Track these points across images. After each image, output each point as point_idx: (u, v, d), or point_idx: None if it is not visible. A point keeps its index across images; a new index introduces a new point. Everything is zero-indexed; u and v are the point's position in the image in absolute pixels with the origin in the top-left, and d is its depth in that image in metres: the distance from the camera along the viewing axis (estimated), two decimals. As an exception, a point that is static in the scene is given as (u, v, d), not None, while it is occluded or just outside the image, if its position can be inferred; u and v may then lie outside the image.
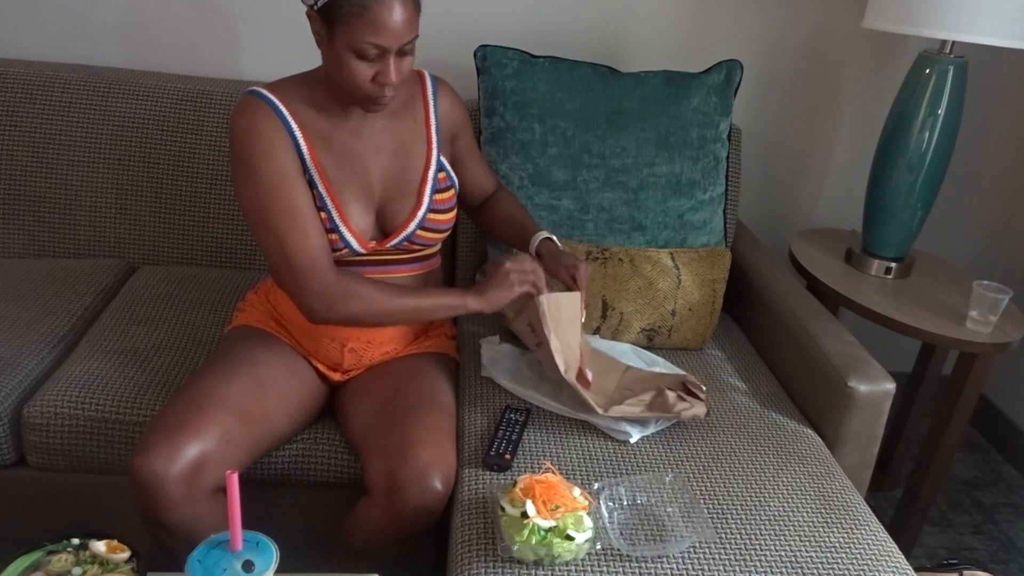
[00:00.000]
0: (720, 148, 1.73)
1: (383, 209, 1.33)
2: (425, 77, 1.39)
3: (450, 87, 1.42)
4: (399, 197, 1.33)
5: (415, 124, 1.35)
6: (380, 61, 1.16)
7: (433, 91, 1.38)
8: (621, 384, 1.46)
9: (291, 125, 1.24)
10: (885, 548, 1.15)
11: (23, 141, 1.76)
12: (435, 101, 1.37)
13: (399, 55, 1.17)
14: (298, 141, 1.25)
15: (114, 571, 0.97)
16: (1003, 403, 2.31)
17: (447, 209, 1.38)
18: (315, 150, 1.26)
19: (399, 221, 1.33)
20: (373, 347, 1.40)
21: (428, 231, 1.36)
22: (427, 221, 1.35)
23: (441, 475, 1.20)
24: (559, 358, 1.33)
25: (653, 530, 1.14)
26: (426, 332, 1.49)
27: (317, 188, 1.26)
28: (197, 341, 1.54)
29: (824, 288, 1.76)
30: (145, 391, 1.39)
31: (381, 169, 1.32)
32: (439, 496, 1.20)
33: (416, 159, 1.35)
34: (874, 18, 1.67)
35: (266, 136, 1.21)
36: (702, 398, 1.37)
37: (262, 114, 1.22)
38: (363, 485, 1.25)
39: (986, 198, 2.24)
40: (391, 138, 1.33)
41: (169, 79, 1.82)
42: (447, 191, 1.38)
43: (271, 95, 1.24)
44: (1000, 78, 2.10)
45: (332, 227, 1.27)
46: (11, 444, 1.38)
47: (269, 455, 1.35)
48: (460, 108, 1.42)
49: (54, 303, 1.61)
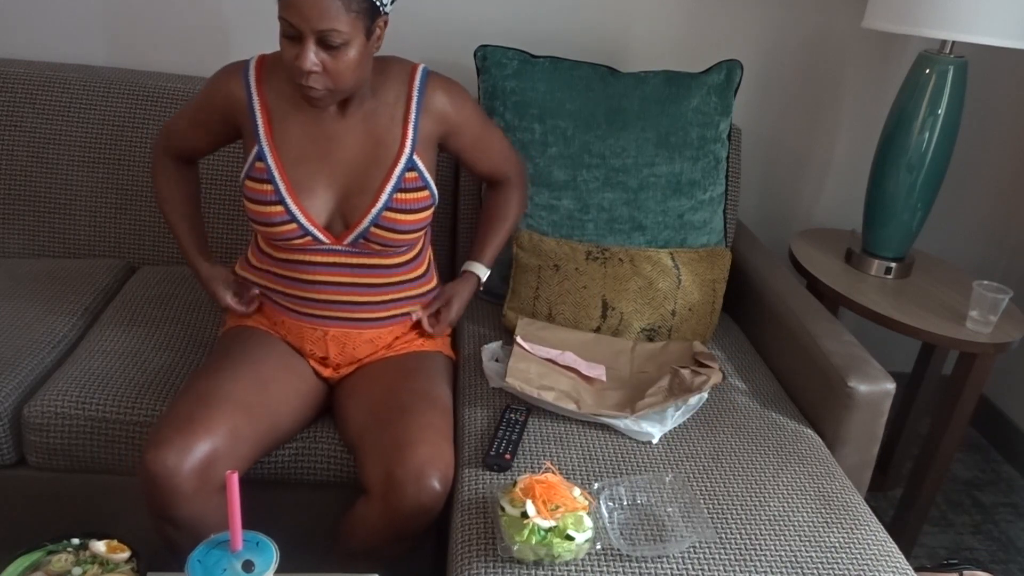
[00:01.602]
0: (720, 148, 1.73)
1: (346, 202, 1.32)
2: (416, 75, 1.36)
3: (447, 83, 1.38)
4: (359, 192, 1.32)
5: (392, 122, 1.33)
6: (299, 44, 1.16)
7: (420, 89, 1.35)
8: (634, 368, 1.49)
9: (252, 95, 1.32)
10: (885, 548, 1.15)
11: (23, 141, 1.76)
12: (420, 100, 1.34)
13: (324, 46, 1.16)
14: (254, 110, 1.31)
15: (114, 571, 0.97)
16: (1003, 403, 2.31)
17: (412, 210, 1.33)
18: (271, 125, 1.31)
19: (357, 216, 1.32)
20: (353, 338, 1.39)
21: (386, 230, 1.32)
22: (384, 219, 1.31)
23: (438, 473, 1.19)
24: (564, 404, 1.35)
25: (653, 530, 1.14)
26: (419, 330, 1.48)
27: (266, 160, 1.30)
28: (197, 341, 1.54)
29: (824, 288, 1.76)
30: (145, 391, 1.39)
31: (346, 161, 1.32)
32: (437, 495, 1.19)
33: (385, 156, 1.32)
34: (874, 18, 1.67)
35: (218, 85, 1.34)
36: (714, 366, 1.42)
37: (228, 74, 1.34)
38: (361, 485, 1.25)
39: (986, 198, 2.24)
40: (363, 132, 1.32)
41: (169, 79, 1.82)
42: (416, 192, 1.34)
43: (252, 66, 1.33)
44: (1000, 78, 2.10)
45: (278, 199, 1.29)
46: (11, 444, 1.38)
47: (270, 454, 1.36)
48: (459, 103, 1.39)
49: (54, 303, 1.61)
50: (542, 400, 1.35)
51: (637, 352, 1.55)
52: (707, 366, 1.45)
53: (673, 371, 1.42)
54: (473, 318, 1.66)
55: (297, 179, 1.30)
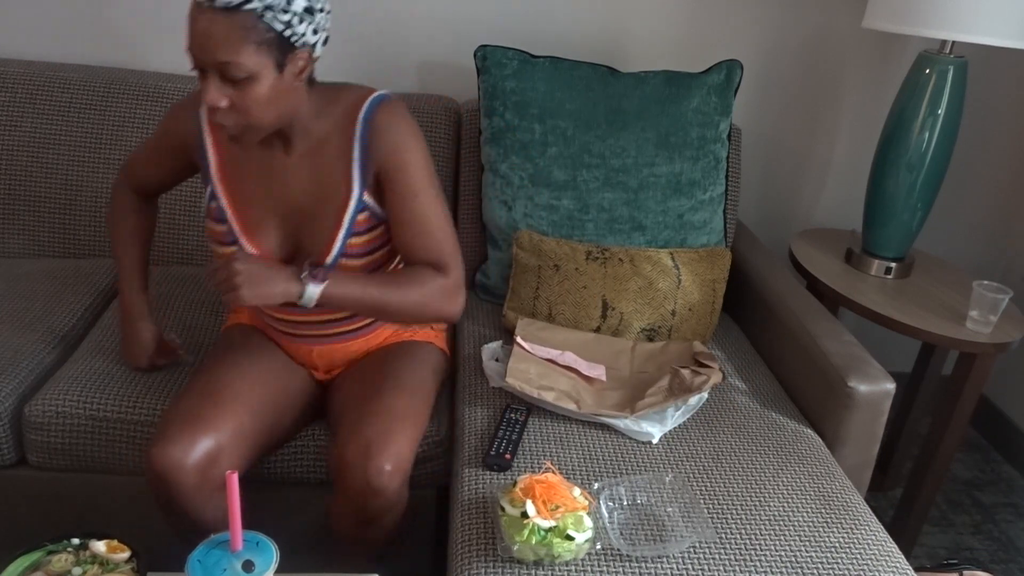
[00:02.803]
0: (720, 148, 1.73)
1: (300, 245, 1.25)
2: (363, 105, 1.21)
3: (395, 117, 1.21)
4: (312, 236, 1.23)
5: (337, 160, 1.21)
6: (204, 78, 1.09)
7: (364, 121, 1.20)
8: (635, 368, 1.50)
9: (203, 132, 1.27)
10: (885, 548, 1.15)
11: (23, 141, 1.76)
12: (364, 133, 1.20)
13: (227, 80, 1.07)
14: (206, 149, 1.27)
15: (114, 571, 0.97)
16: (1003, 403, 2.31)
17: (370, 251, 1.26)
18: (224, 164, 1.25)
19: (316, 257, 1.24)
20: (339, 351, 1.38)
21: (351, 258, 1.25)
22: (342, 264, 1.24)
23: (387, 454, 1.16)
24: (564, 403, 1.35)
25: (653, 530, 1.14)
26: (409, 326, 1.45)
27: (219, 200, 1.25)
28: (196, 341, 1.54)
29: (824, 288, 1.76)
30: (146, 391, 1.39)
31: (295, 201, 1.23)
32: (387, 475, 1.16)
33: (333, 197, 1.22)
34: (874, 18, 1.67)
35: (172, 122, 1.31)
36: (713, 366, 1.42)
37: (182, 109, 1.30)
38: None
39: (986, 198, 2.24)
40: (309, 171, 1.22)
41: (169, 79, 1.82)
42: (371, 231, 1.25)
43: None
44: (1000, 78, 2.10)
45: (232, 239, 1.24)
46: (12, 444, 1.38)
47: (271, 454, 1.36)
48: (398, 142, 1.20)
49: (54, 303, 1.61)
50: (542, 400, 1.35)
51: (637, 352, 1.56)
52: (707, 366, 1.45)
53: (673, 371, 1.42)
54: (473, 318, 1.67)
55: (249, 219, 1.24)
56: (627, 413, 1.33)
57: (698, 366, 1.46)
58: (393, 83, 1.98)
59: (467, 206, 1.81)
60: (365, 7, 1.91)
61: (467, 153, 1.83)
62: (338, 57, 1.92)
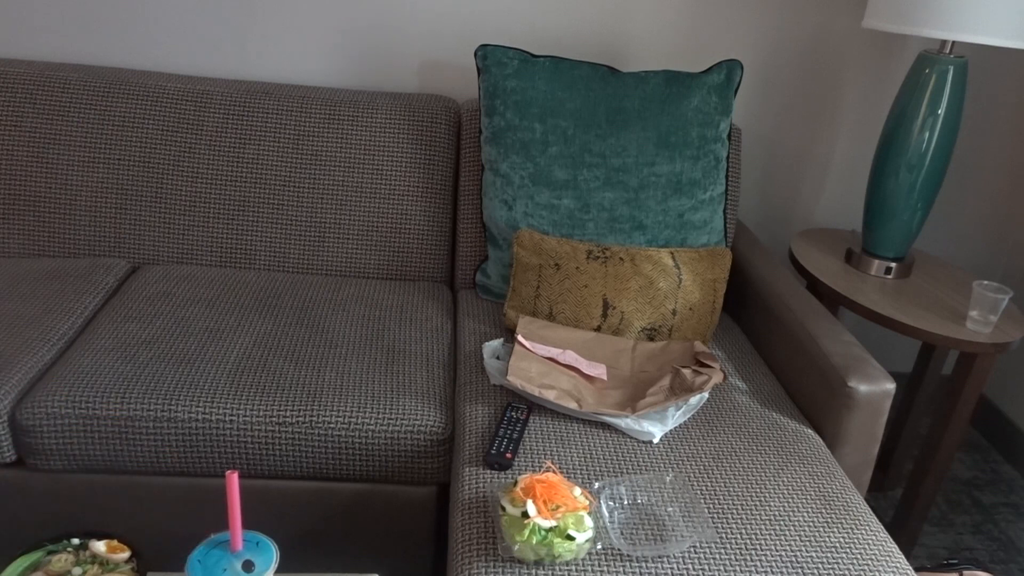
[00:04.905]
0: (720, 148, 1.73)
1: None
2: None
3: None
4: None
5: None
6: None
7: None
8: (635, 367, 1.50)
9: None
10: (885, 548, 1.15)
11: (23, 141, 1.76)
12: None
13: None
14: None
15: (114, 571, 0.97)
16: (1003, 403, 2.31)
17: None
18: None
19: None
20: None
21: None
22: None
23: None
24: (565, 402, 1.35)
25: (653, 530, 1.14)
26: None
27: None
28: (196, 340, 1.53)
29: (824, 288, 1.76)
30: (137, 389, 1.38)
31: None
32: None
33: None
34: (874, 18, 1.67)
35: None
36: (714, 366, 1.43)
37: None
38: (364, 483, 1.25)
39: (986, 198, 2.24)
40: None
41: (169, 79, 1.82)
42: None
43: None
44: (1000, 78, 2.10)
45: None
46: (11, 444, 1.38)
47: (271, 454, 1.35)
48: None
49: (54, 302, 1.61)
50: (543, 399, 1.35)
51: (638, 351, 1.56)
52: (708, 366, 1.45)
53: (674, 371, 1.42)
54: (474, 316, 1.66)
55: None
56: (628, 412, 1.33)
57: (699, 366, 1.46)
58: (393, 83, 1.98)
59: (467, 206, 1.81)
60: (365, 6, 1.91)
61: (467, 153, 1.83)
62: (338, 57, 1.92)
